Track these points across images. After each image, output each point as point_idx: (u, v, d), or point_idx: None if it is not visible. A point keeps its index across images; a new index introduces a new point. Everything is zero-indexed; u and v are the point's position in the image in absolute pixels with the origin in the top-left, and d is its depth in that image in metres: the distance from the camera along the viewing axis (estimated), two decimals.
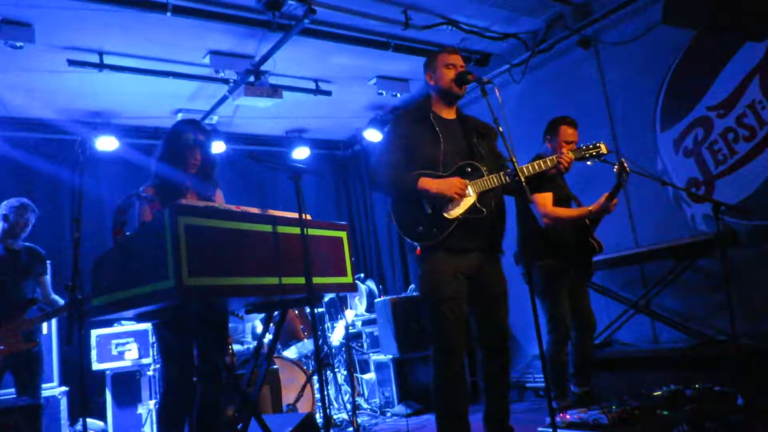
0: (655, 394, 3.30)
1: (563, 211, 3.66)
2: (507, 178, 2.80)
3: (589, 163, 3.19)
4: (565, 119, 3.83)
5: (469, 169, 2.87)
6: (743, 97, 4.26)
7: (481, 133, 3.00)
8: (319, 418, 4.56)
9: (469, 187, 2.82)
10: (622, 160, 3.48)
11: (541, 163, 2.92)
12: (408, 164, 2.85)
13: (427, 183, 2.76)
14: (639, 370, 4.23)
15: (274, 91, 5.34)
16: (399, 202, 2.87)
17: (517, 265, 3.89)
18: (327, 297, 5.57)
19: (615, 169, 3.48)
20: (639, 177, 4.26)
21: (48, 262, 4.35)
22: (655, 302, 4.74)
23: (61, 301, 4.23)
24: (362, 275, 6.72)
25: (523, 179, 2.62)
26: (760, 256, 4.14)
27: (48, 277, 4.33)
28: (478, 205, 2.81)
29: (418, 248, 2.79)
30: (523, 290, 3.77)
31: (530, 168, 2.91)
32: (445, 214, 2.79)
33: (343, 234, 2.91)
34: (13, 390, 3.97)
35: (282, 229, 2.57)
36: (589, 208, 3.61)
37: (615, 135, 5.04)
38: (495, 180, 2.82)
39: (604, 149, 3.08)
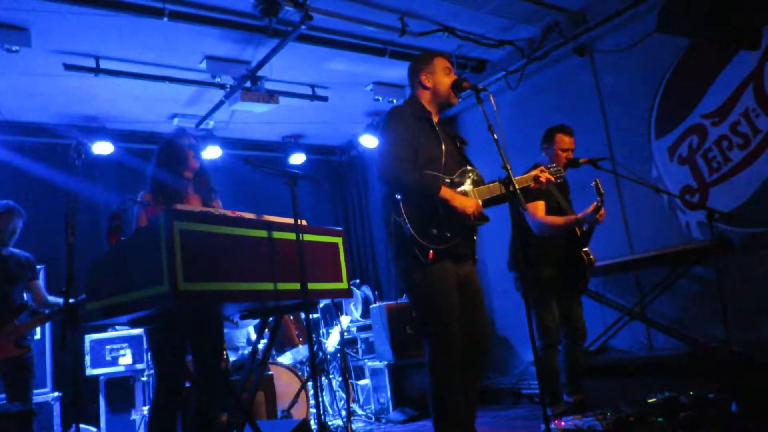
0: (650, 400, 3.30)
1: (553, 219, 3.68)
2: (503, 187, 2.80)
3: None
4: (561, 127, 3.85)
5: (471, 175, 2.85)
6: (737, 105, 4.28)
7: (461, 141, 3.03)
8: (313, 424, 4.54)
9: (473, 196, 2.80)
10: (597, 181, 3.48)
11: (526, 179, 3.02)
12: (415, 162, 2.75)
13: (449, 194, 2.69)
14: (634, 377, 4.23)
15: (271, 96, 5.34)
16: (412, 201, 2.69)
17: (510, 271, 3.89)
18: (322, 303, 5.56)
19: (593, 184, 3.49)
20: (634, 184, 4.28)
21: (41, 266, 4.31)
22: (650, 309, 4.75)
23: (59, 301, 4.17)
24: (358, 281, 6.71)
25: (518, 188, 2.63)
26: (753, 263, 4.15)
27: (40, 282, 4.30)
28: (483, 213, 2.80)
29: (431, 252, 2.64)
30: (518, 296, 3.79)
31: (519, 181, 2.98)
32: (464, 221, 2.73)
33: (338, 240, 2.91)
34: (3, 396, 3.94)
35: (277, 234, 2.57)
36: (577, 216, 3.62)
37: (610, 142, 5.06)
38: (496, 189, 2.81)
39: (562, 172, 3.35)
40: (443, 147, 2.81)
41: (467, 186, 2.82)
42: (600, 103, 5.17)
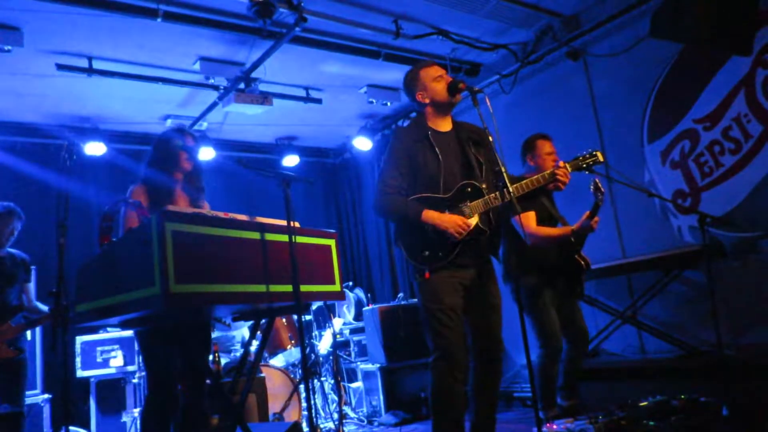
0: (642, 404, 3.31)
1: (546, 231, 3.65)
2: (500, 197, 2.79)
3: (586, 172, 3.23)
4: (539, 135, 3.86)
5: (469, 189, 2.85)
6: (729, 110, 4.31)
7: (476, 141, 2.98)
8: (305, 427, 4.53)
9: (469, 211, 2.82)
10: (597, 180, 3.47)
11: (539, 178, 2.96)
12: (410, 188, 2.87)
13: (431, 216, 2.76)
14: (625, 380, 4.24)
15: (265, 98, 5.34)
16: (403, 227, 2.88)
17: (505, 283, 3.84)
18: (315, 305, 5.55)
19: (591, 188, 3.48)
20: (627, 188, 4.30)
21: (33, 267, 4.30)
22: (642, 313, 4.77)
23: (44, 309, 4.18)
24: (351, 283, 6.71)
25: (514, 196, 2.64)
26: (745, 267, 4.18)
27: (32, 285, 4.28)
28: (480, 226, 2.82)
29: (427, 272, 2.78)
30: (510, 299, 3.79)
31: (524, 186, 2.92)
32: (450, 238, 2.78)
33: (331, 242, 2.90)
34: None
35: (270, 236, 2.56)
36: (571, 227, 3.61)
37: (603, 146, 5.08)
38: (492, 201, 2.82)
39: (600, 158, 3.17)
40: (442, 166, 2.85)
41: (463, 202, 2.84)
42: (593, 108, 5.19)
